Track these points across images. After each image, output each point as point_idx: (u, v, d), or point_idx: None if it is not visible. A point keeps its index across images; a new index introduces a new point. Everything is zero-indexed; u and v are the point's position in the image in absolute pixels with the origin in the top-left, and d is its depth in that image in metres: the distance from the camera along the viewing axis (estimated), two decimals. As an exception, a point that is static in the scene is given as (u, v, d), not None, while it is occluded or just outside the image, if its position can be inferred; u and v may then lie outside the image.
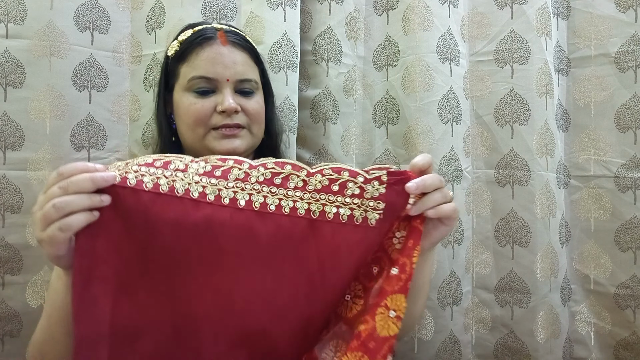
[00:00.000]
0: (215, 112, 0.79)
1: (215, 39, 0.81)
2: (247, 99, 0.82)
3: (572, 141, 1.13)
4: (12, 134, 0.95)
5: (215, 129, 0.80)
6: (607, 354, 1.09)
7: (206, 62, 0.80)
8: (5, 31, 0.95)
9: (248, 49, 0.84)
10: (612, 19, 1.07)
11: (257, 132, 0.84)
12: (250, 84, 0.83)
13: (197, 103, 0.80)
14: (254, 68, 0.85)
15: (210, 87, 0.80)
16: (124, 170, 0.61)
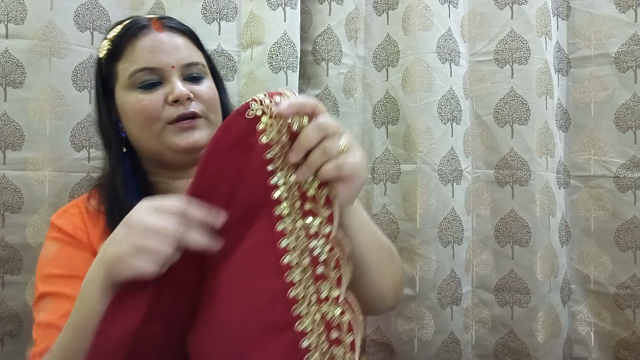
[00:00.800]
0: (167, 104, 0.72)
1: (150, 27, 0.75)
2: (198, 85, 0.75)
3: (572, 141, 1.13)
4: (12, 134, 0.95)
5: (171, 123, 0.73)
6: (607, 354, 1.09)
7: (145, 52, 0.73)
8: (5, 31, 0.95)
9: (187, 33, 0.79)
10: (612, 19, 1.07)
11: (215, 120, 0.77)
12: (198, 67, 0.77)
13: (144, 99, 0.73)
14: (197, 52, 0.79)
15: (156, 79, 0.73)
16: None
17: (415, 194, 1.07)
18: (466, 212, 1.11)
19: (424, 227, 1.06)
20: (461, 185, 1.09)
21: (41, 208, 0.97)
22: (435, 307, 1.06)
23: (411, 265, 1.07)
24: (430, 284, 1.06)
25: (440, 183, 1.07)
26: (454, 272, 1.08)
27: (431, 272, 1.06)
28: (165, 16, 0.80)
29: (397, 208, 1.10)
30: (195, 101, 0.74)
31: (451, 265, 1.08)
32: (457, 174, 1.09)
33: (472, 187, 1.13)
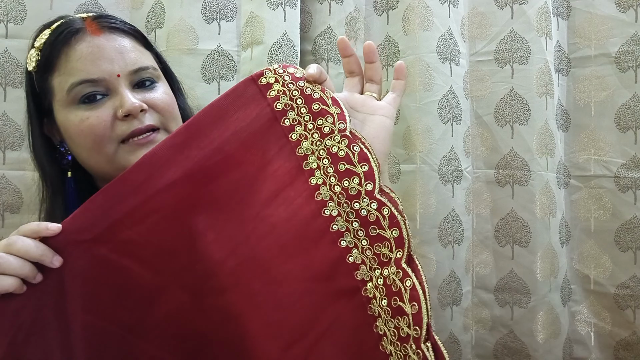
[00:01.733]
0: (117, 120, 0.63)
1: (85, 30, 0.64)
2: (150, 92, 0.66)
3: (572, 141, 1.13)
4: (12, 134, 0.95)
5: (125, 140, 0.63)
6: (607, 354, 1.08)
7: (83, 61, 0.62)
8: (5, 31, 0.95)
9: (131, 31, 0.68)
10: (612, 18, 1.06)
11: (175, 129, 0.66)
12: (149, 72, 0.66)
13: (89, 116, 0.62)
14: (145, 53, 0.69)
15: (100, 90, 0.63)
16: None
17: (415, 194, 1.07)
18: (466, 212, 1.11)
19: (424, 227, 1.06)
20: (461, 185, 1.09)
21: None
22: (435, 307, 1.06)
23: (411, 265, 1.07)
24: (430, 284, 1.05)
25: (440, 183, 1.07)
26: (454, 272, 1.08)
27: (431, 272, 1.06)
28: (102, 14, 0.69)
29: (397, 208, 1.10)
30: (150, 112, 0.65)
31: (451, 266, 1.08)
32: (457, 174, 1.09)
33: (472, 187, 1.12)
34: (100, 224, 0.54)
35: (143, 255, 0.55)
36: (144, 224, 0.55)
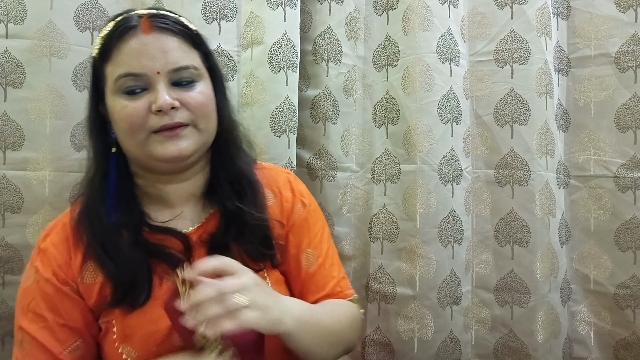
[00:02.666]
0: (151, 113, 0.68)
1: (138, 28, 0.69)
2: (186, 91, 0.70)
3: (572, 141, 1.13)
4: (12, 134, 0.95)
5: (156, 132, 0.69)
6: (607, 353, 1.09)
7: (130, 56, 0.68)
8: (5, 31, 0.95)
9: (180, 32, 0.72)
10: (612, 18, 1.07)
11: (205, 128, 0.72)
12: (189, 71, 0.71)
13: (128, 106, 0.69)
14: (190, 53, 0.72)
15: (141, 85, 0.69)
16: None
17: (415, 194, 1.07)
18: (466, 212, 1.11)
19: (424, 227, 1.06)
20: (461, 185, 1.09)
21: (41, 208, 0.97)
22: (435, 307, 1.07)
23: (411, 265, 1.07)
24: (430, 283, 1.06)
25: (440, 183, 1.07)
26: (454, 272, 1.08)
27: (431, 272, 1.06)
28: (158, 13, 0.72)
29: (397, 208, 1.10)
30: (182, 109, 0.70)
31: (451, 265, 1.08)
32: (457, 174, 1.09)
33: (472, 187, 1.13)
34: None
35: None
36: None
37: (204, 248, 0.73)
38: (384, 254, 1.11)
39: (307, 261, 0.80)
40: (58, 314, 0.70)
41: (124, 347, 0.68)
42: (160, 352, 0.67)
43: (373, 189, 1.13)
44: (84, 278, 0.71)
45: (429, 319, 1.07)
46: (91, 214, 0.72)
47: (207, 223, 0.76)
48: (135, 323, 0.68)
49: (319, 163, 1.13)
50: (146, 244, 0.71)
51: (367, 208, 1.14)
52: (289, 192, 0.83)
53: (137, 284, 0.69)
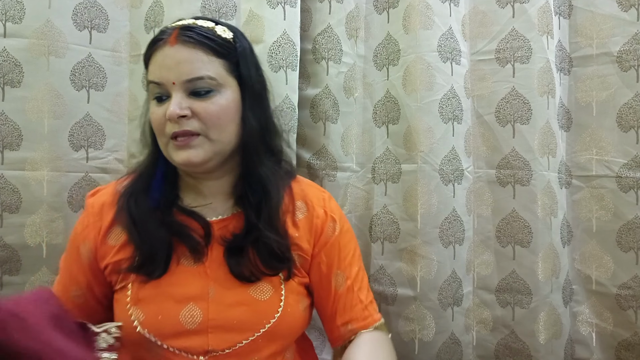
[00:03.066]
0: (167, 120, 0.73)
1: (166, 41, 0.74)
2: (201, 101, 0.74)
3: (573, 141, 1.12)
4: (10, 134, 0.95)
5: (174, 137, 0.74)
6: (608, 354, 1.08)
7: (155, 66, 0.75)
8: (4, 30, 0.94)
9: (203, 44, 0.75)
10: (614, 17, 1.06)
11: (218, 137, 0.75)
12: (204, 82, 0.73)
13: (154, 112, 0.76)
14: (210, 64, 0.74)
15: (164, 93, 0.75)
16: None
17: (416, 194, 1.06)
18: (467, 212, 1.10)
19: (425, 227, 1.06)
20: (462, 185, 1.09)
21: (39, 208, 0.96)
22: (436, 308, 1.06)
23: (412, 266, 1.07)
24: (431, 284, 1.06)
25: (442, 183, 1.06)
26: (455, 272, 1.08)
27: (432, 272, 1.05)
28: (188, 25, 0.76)
29: (398, 208, 1.09)
30: (194, 118, 0.73)
31: (452, 266, 1.07)
32: (458, 174, 1.08)
33: (474, 187, 1.12)
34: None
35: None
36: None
37: (222, 247, 0.78)
38: (384, 254, 1.11)
39: (336, 282, 0.82)
40: (72, 261, 0.80)
41: (134, 310, 0.74)
42: (164, 322, 0.73)
43: (373, 189, 1.13)
44: (107, 239, 0.79)
45: (430, 320, 1.06)
46: (134, 191, 0.80)
47: (231, 218, 0.80)
48: (148, 291, 0.74)
49: (319, 163, 1.12)
50: (172, 223, 0.77)
51: (367, 208, 1.14)
52: (322, 210, 0.84)
53: (156, 257, 0.75)
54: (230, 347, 0.73)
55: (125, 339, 0.71)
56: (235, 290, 0.75)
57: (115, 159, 1.05)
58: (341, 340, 0.82)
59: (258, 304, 0.75)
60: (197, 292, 0.74)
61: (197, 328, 0.73)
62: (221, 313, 0.74)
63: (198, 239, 0.77)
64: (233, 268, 0.76)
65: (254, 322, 0.74)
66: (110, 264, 0.77)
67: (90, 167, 1.02)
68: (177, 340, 0.72)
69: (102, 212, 0.80)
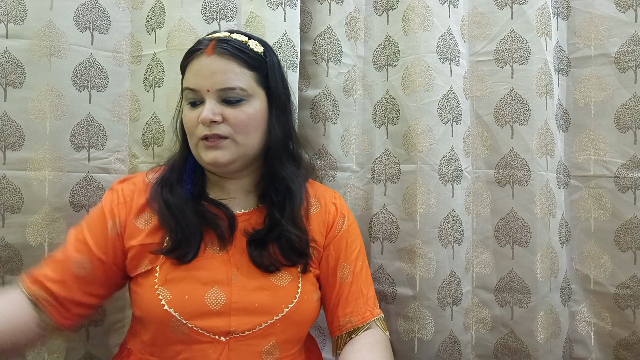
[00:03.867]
0: (199, 123, 0.81)
1: (203, 51, 0.81)
2: (232, 108, 0.81)
3: (572, 141, 1.13)
4: (12, 134, 0.95)
5: (203, 139, 0.81)
6: (607, 354, 1.09)
7: (192, 74, 0.82)
8: (5, 31, 0.95)
9: (237, 56, 0.82)
10: (612, 19, 1.07)
11: (244, 142, 0.82)
12: (235, 92, 0.81)
13: (188, 114, 0.83)
14: (242, 75, 0.82)
15: (198, 99, 0.82)
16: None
17: (416, 194, 1.07)
18: (466, 212, 1.11)
19: (424, 227, 1.06)
20: (461, 185, 1.09)
21: (41, 208, 0.97)
22: (435, 307, 1.06)
23: (411, 265, 1.07)
24: (430, 284, 1.06)
25: (441, 183, 1.07)
26: (454, 272, 1.08)
27: (431, 272, 1.06)
28: (224, 38, 0.83)
29: (397, 208, 1.10)
30: (225, 124, 0.80)
31: (451, 265, 1.08)
32: (457, 174, 1.09)
33: (472, 187, 1.13)
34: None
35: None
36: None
37: (244, 237, 0.84)
38: (384, 254, 1.11)
39: (342, 274, 0.89)
40: (90, 232, 0.83)
41: (162, 289, 0.78)
42: (190, 301, 0.77)
43: (373, 189, 1.13)
44: (137, 222, 0.83)
45: (429, 319, 1.07)
46: (166, 183, 0.85)
47: (253, 212, 0.87)
48: (176, 273, 0.79)
49: (319, 163, 1.13)
50: (204, 212, 0.83)
51: (367, 208, 1.14)
52: (333, 207, 0.93)
53: (190, 242, 0.80)
54: (250, 329, 0.79)
55: (151, 317, 0.78)
56: (257, 277, 0.81)
57: (116, 159, 1.06)
58: (339, 331, 0.88)
59: (278, 289, 0.81)
60: (221, 277, 0.80)
61: (221, 310, 0.78)
62: (243, 297, 0.79)
63: (224, 229, 0.83)
64: (255, 258, 0.82)
65: (273, 305, 0.80)
66: (137, 246, 0.82)
67: (92, 167, 1.02)
68: (201, 320, 0.77)
69: (132, 195, 0.85)
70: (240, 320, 0.78)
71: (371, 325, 0.88)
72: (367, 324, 0.88)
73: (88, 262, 0.80)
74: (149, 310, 0.78)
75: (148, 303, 0.78)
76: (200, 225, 0.82)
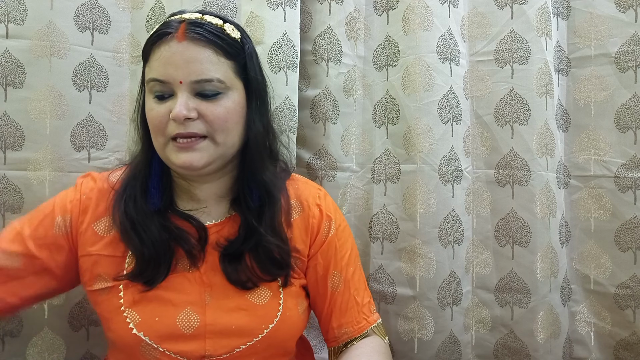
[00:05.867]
0: (170, 120, 0.70)
1: (174, 35, 0.70)
2: (208, 103, 0.71)
3: (572, 141, 1.13)
4: (13, 134, 0.95)
5: (174, 139, 0.71)
6: (607, 354, 1.09)
7: (159, 62, 0.70)
8: (6, 31, 0.95)
9: (213, 42, 0.71)
10: (612, 18, 1.07)
11: (223, 141, 0.73)
12: (212, 84, 0.71)
13: (154, 109, 0.72)
14: (220, 65, 0.72)
15: (167, 91, 0.71)
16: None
17: (416, 194, 1.07)
18: (466, 212, 1.11)
19: (424, 227, 1.06)
20: (461, 185, 1.09)
21: (41, 208, 0.97)
22: (435, 307, 1.06)
23: (411, 266, 1.07)
24: (430, 284, 1.06)
25: (441, 183, 1.07)
26: (454, 272, 1.08)
27: (431, 272, 1.06)
28: (196, 21, 0.72)
29: (397, 208, 1.10)
30: (200, 120, 0.71)
31: (451, 265, 1.08)
32: (457, 174, 1.09)
33: (472, 187, 1.13)
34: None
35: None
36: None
37: (216, 252, 0.76)
38: (384, 254, 1.11)
39: (333, 283, 0.82)
40: (31, 224, 0.74)
41: (130, 311, 0.71)
42: (161, 324, 0.71)
43: (373, 189, 1.13)
44: (95, 227, 0.75)
45: (429, 320, 1.07)
46: (129, 195, 0.75)
47: (225, 222, 0.78)
48: (145, 294, 0.72)
49: (319, 163, 1.13)
50: (172, 227, 0.74)
51: (367, 208, 1.14)
52: (317, 209, 0.83)
53: (158, 265, 0.72)
54: (227, 352, 0.72)
55: (120, 340, 0.71)
56: (233, 296, 0.74)
57: (116, 159, 1.06)
58: (336, 342, 0.82)
59: (257, 309, 0.74)
60: (194, 298, 0.73)
61: (195, 333, 0.71)
62: (219, 319, 0.72)
63: (194, 243, 0.75)
64: (230, 275, 0.74)
65: (252, 327, 0.73)
66: (95, 256, 0.74)
67: (92, 167, 1.02)
68: (173, 344, 0.71)
69: (94, 196, 0.77)
70: (216, 344, 0.71)
71: (368, 333, 0.82)
72: (364, 333, 0.82)
73: (17, 256, 0.72)
74: (116, 333, 0.71)
75: (115, 326, 0.71)
76: (169, 243, 0.73)
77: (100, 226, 0.76)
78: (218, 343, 0.72)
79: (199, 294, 0.73)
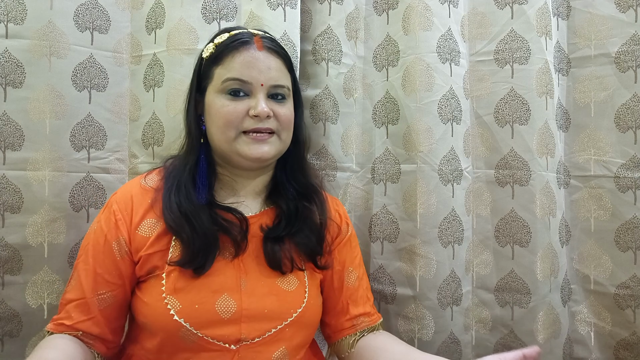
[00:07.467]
0: (248, 116, 0.80)
1: (252, 44, 0.81)
2: (279, 105, 0.82)
3: (572, 141, 1.13)
4: (12, 134, 0.95)
5: (246, 132, 0.80)
6: (607, 354, 1.09)
7: (241, 65, 0.80)
8: (5, 31, 0.95)
9: (282, 56, 0.84)
10: (612, 18, 1.07)
11: (285, 139, 0.85)
12: (283, 90, 0.83)
13: (229, 105, 0.80)
14: (286, 75, 0.85)
15: (244, 90, 0.80)
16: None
17: (416, 194, 1.07)
18: (466, 212, 1.11)
19: (424, 227, 1.06)
20: (461, 185, 1.09)
21: (41, 208, 0.97)
22: (436, 308, 1.06)
23: (411, 266, 1.07)
24: (430, 284, 1.06)
25: (441, 183, 1.07)
26: (454, 272, 1.08)
27: (431, 272, 1.06)
28: (267, 36, 0.85)
29: (398, 208, 1.10)
30: (273, 119, 0.81)
31: (451, 266, 1.08)
32: (457, 174, 1.09)
33: (472, 187, 1.12)
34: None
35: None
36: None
37: (260, 235, 0.83)
38: (384, 254, 1.11)
39: (349, 278, 0.91)
40: (100, 263, 0.79)
41: (171, 299, 0.76)
42: (200, 311, 0.75)
43: (373, 189, 1.13)
44: (139, 231, 0.80)
45: (429, 320, 1.07)
46: (180, 189, 0.81)
47: (263, 214, 0.87)
48: (186, 281, 0.77)
49: (319, 163, 1.13)
50: (220, 219, 0.81)
51: (367, 208, 1.14)
52: (337, 214, 0.94)
53: (207, 253, 0.78)
54: (260, 335, 0.77)
55: (159, 326, 0.75)
56: (265, 282, 0.80)
57: (116, 159, 1.06)
58: (353, 329, 0.89)
59: (286, 295, 0.81)
60: (231, 283, 0.78)
61: (232, 317, 0.76)
62: (253, 303, 0.78)
63: (238, 233, 0.81)
64: (271, 256, 0.81)
65: (282, 311, 0.79)
66: (145, 256, 0.79)
67: (92, 167, 1.02)
68: (211, 329, 0.75)
69: (130, 205, 0.82)
70: (250, 327, 0.77)
71: (378, 328, 0.91)
72: (376, 325, 0.90)
73: (107, 292, 0.79)
74: (156, 319, 0.76)
75: (156, 312, 0.76)
76: (216, 233, 0.79)
77: (144, 228, 0.80)
78: (252, 327, 0.77)
79: (236, 279, 0.79)
